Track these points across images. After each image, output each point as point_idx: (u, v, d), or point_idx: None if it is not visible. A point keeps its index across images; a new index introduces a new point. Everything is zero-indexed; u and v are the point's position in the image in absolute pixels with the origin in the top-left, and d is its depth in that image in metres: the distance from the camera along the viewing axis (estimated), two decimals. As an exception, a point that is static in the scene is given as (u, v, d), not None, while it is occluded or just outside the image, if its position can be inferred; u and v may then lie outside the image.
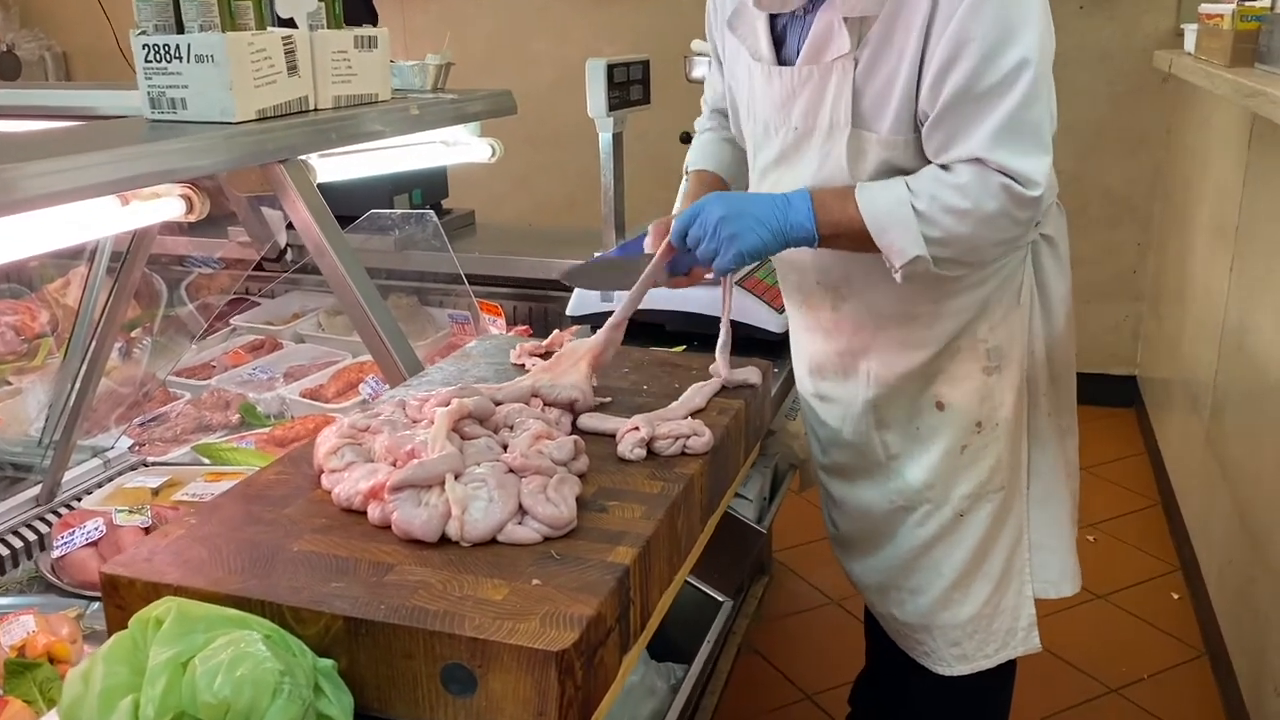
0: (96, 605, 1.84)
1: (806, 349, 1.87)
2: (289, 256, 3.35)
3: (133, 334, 2.82)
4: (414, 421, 1.38)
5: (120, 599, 1.12)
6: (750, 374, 1.67)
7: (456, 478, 1.21)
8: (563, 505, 1.19)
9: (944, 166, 1.49)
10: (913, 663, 1.87)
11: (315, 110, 1.80)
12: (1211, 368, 2.99)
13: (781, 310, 2.07)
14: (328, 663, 1.04)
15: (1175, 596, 3.06)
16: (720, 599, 1.65)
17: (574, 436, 1.34)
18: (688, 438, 1.39)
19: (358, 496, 1.23)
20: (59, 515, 2.15)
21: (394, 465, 1.28)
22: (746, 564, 1.76)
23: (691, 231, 1.53)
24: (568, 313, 2.23)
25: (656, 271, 1.58)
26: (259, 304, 3.43)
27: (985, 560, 1.76)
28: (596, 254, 1.64)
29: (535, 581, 1.08)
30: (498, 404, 1.43)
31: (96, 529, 1.98)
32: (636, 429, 1.38)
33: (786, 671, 2.75)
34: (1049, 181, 1.49)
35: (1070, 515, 1.81)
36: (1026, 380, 1.70)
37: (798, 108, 1.60)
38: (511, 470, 1.25)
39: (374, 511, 1.21)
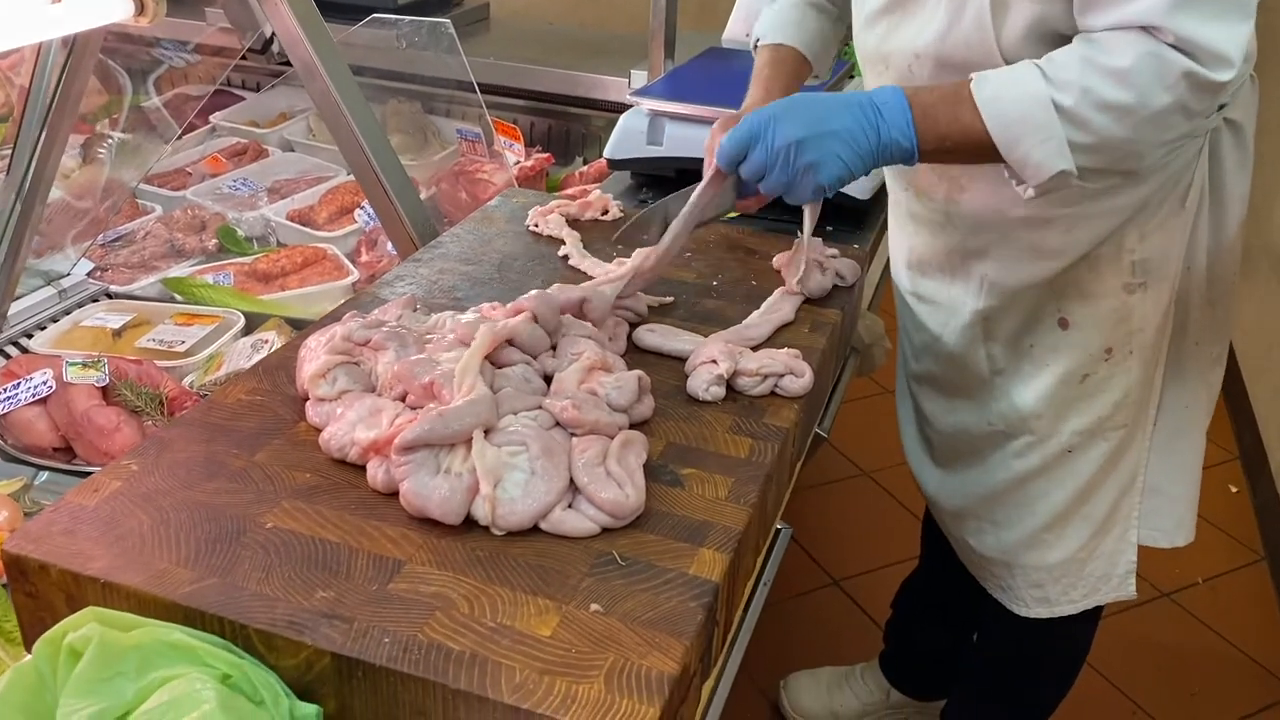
0: (46, 475, 1.60)
1: (907, 240, 1.52)
2: (275, 48, 2.93)
3: (96, 128, 2.44)
4: (428, 333, 1.07)
5: (30, 585, 0.83)
6: (846, 269, 1.35)
7: (487, 434, 0.90)
8: (628, 485, 0.89)
9: (1091, 38, 1.09)
10: (981, 587, 1.63)
11: None
12: (1315, 247, 2.66)
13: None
14: (310, 710, 0.76)
15: (1233, 490, 2.84)
16: (780, 525, 1.38)
17: (637, 373, 1.02)
18: (780, 376, 1.08)
19: (353, 448, 0.93)
20: (6, 356, 1.86)
21: (403, 401, 0.97)
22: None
23: (752, 157, 1.14)
24: (605, 155, 1.86)
25: (704, 203, 1.20)
26: (242, 98, 3.02)
27: (1087, 503, 1.48)
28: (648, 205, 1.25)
29: (595, 607, 0.80)
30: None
31: (45, 384, 1.69)
32: (714, 362, 1.07)
33: (811, 551, 2.54)
34: (1246, 54, 1.10)
35: (1199, 459, 1.51)
36: (1177, 301, 1.38)
37: None
38: (558, 423, 0.95)
39: (375, 472, 0.91)
